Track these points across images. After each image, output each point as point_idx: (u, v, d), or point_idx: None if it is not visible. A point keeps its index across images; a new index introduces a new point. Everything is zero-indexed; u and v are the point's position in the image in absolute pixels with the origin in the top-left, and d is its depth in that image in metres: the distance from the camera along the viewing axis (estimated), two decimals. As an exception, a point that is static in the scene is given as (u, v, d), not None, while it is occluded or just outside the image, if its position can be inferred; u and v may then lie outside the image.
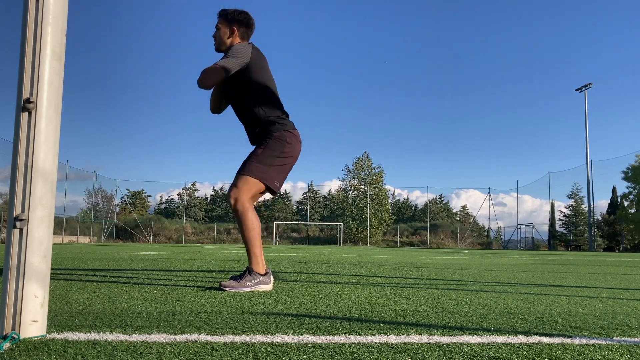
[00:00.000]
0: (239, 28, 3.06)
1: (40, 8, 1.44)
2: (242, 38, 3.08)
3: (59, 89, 1.48)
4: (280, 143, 2.97)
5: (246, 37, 3.10)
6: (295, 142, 3.05)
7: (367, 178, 45.62)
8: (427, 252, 14.94)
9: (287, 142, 2.99)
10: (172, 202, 56.25)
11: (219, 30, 3.07)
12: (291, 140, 3.01)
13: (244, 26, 3.07)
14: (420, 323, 1.80)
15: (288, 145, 2.99)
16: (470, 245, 43.77)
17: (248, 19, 3.09)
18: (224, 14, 3.08)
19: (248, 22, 3.09)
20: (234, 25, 3.05)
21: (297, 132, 3.09)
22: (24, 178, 1.40)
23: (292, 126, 3.08)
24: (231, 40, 3.06)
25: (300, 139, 3.11)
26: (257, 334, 1.54)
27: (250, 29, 3.11)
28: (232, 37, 3.06)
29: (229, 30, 3.05)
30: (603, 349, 1.42)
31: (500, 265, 6.74)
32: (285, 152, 2.98)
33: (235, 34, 3.05)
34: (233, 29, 3.05)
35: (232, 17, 3.05)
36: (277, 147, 2.96)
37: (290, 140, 3.01)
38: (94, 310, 2.01)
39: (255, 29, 3.14)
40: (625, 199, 36.29)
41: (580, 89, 35.12)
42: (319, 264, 6.22)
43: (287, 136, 3.00)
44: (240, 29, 3.06)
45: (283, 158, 2.98)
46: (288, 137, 3.00)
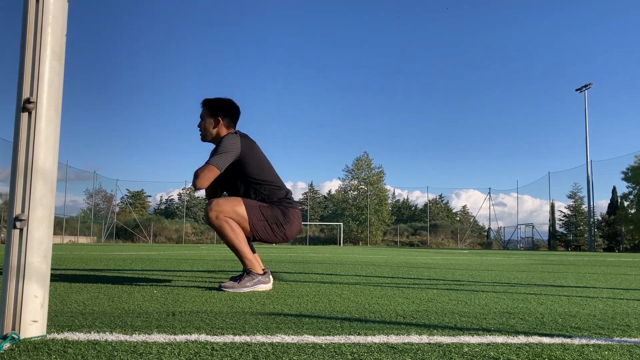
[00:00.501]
0: (223, 118, 3.05)
1: (40, 8, 1.44)
2: (228, 127, 3.07)
3: (59, 89, 1.48)
4: (284, 217, 2.95)
5: (232, 126, 3.09)
6: (297, 223, 3.02)
7: (367, 178, 45.64)
8: (427, 252, 14.94)
9: (290, 219, 2.97)
10: (172, 202, 56.30)
11: (203, 121, 3.07)
12: (294, 219, 3.00)
13: (228, 116, 3.06)
14: (420, 323, 1.80)
15: (289, 223, 2.96)
16: (470, 246, 43.77)
17: (232, 108, 3.08)
18: (207, 104, 3.07)
19: (233, 112, 3.08)
20: (219, 116, 3.04)
21: (299, 214, 3.07)
22: (24, 178, 1.40)
23: (297, 205, 3.08)
24: (217, 131, 3.05)
25: (301, 221, 3.11)
26: (257, 334, 1.54)
27: (235, 118, 3.10)
28: (217, 127, 3.04)
29: (213, 121, 3.04)
30: (603, 349, 1.42)
31: (500, 265, 6.74)
32: (283, 228, 2.95)
33: (220, 124, 3.04)
34: (218, 120, 3.04)
35: (217, 108, 3.05)
36: (279, 217, 2.94)
37: (293, 218, 2.99)
38: (94, 310, 2.01)
39: (240, 116, 3.13)
40: (625, 199, 36.29)
41: (580, 89, 35.12)
42: (319, 264, 6.22)
43: (292, 214, 2.99)
44: (225, 119, 3.06)
45: (278, 228, 2.94)
46: (292, 215, 2.99)
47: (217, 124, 3.05)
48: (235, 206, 2.86)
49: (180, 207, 50.34)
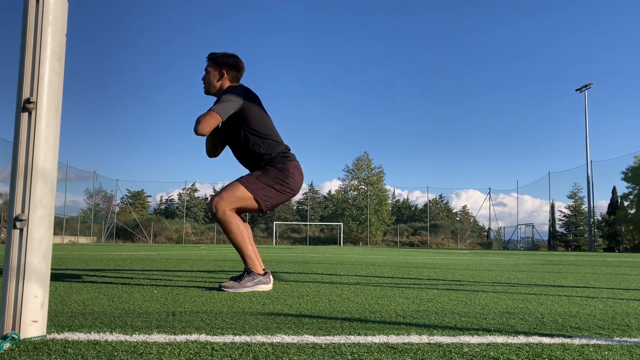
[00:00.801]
0: (228, 71, 3.05)
1: (40, 8, 1.44)
2: (232, 81, 3.08)
3: (59, 89, 1.48)
4: (283, 173, 2.95)
5: (236, 80, 3.09)
6: (298, 175, 3.02)
7: (367, 178, 45.63)
8: (427, 253, 14.94)
9: (290, 173, 2.97)
10: (172, 202, 56.27)
11: (208, 74, 3.07)
12: (294, 172, 2.99)
13: (233, 69, 3.07)
14: (420, 323, 1.80)
15: (291, 177, 2.97)
16: (471, 246, 43.77)
17: (237, 62, 3.08)
18: (212, 57, 3.07)
19: (237, 65, 3.08)
20: (223, 68, 3.04)
21: (300, 166, 3.07)
22: (24, 178, 1.40)
23: (295, 158, 3.07)
24: (220, 84, 3.05)
25: (303, 172, 3.09)
26: (257, 334, 1.54)
27: (239, 72, 3.10)
28: (221, 80, 3.05)
29: (218, 74, 3.05)
30: (603, 349, 1.42)
31: (500, 265, 6.74)
32: (286, 183, 2.95)
33: (224, 77, 3.05)
34: (222, 72, 3.05)
35: (221, 61, 3.05)
36: (279, 175, 2.94)
37: (293, 171, 2.98)
38: (94, 310, 2.01)
39: (245, 71, 3.13)
40: (625, 200, 36.29)
41: (580, 89, 35.12)
42: (319, 264, 6.22)
43: (290, 167, 2.98)
44: (230, 72, 3.06)
45: (282, 186, 2.95)
46: (291, 169, 2.98)
47: (221, 76, 3.05)
48: (235, 192, 2.86)
49: (180, 207, 50.34)
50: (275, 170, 2.95)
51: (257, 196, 2.88)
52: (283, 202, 3.01)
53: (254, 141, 2.97)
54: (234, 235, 2.84)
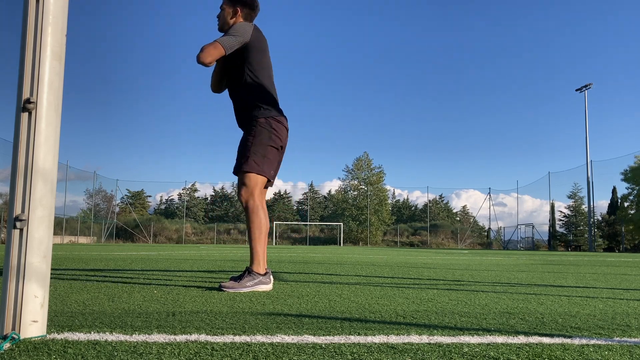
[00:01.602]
0: (242, 9, 3.08)
1: (40, 8, 1.44)
2: (245, 19, 3.10)
3: (59, 89, 1.48)
4: (267, 131, 2.99)
5: (249, 19, 3.12)
6: (281, 128, 3.06)
7: (367, 178, 45.62)
8: (427, 253, 14.94)
9: (274, 129, 3.01)
10: (172, 202, 56.28)
11: (222, 11, 3.10)
12: (277, 127, 3.03)
13: (247, 7, 3.09)
14: (420, 323, 1.80)
15: (274, 132, 3.01)
16: (471, 246, 43.76)
17: (252, 0, 3.11)
18: None
19: (252, 4, 3.11)
20: (238, 5, 3.07)
21: (284, 118, 3.10)
22: (24, 178, 1.40)
23: (278, 113, 3.08)
24: (234, 21, 3.07)
25: (287, 126, 3.13)
26: (257, 334, 1.54)
27: (254, 10, 3.13)
28: (235, 17, 3.07)
29: (232, 11, 3.07)
30: (603, 349, 1.42)
31: (500, 265, 6.74)
32: (273, 140, 3.01)
33: (238, 14, 3.07)
34: (237, 10, 3.07)
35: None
36: (264, 135, 2.98)
37: (276, 127, 3.02)
38: (94, 310, 2.01)
39: (259, 11, 3.17)
40: (625, 200, 36.29)
41: (580, 89, 35.13)
42: (319, 264, 6.22)
43: (272, 123, 3.02)
44: (244, 10, 3.08)
45: (273, 147, 3.01)
46: (274, 124, 3.02)
47: (235, 13, 3.07)
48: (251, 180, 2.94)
49: (180, 207, 50.33)
50: (259, 130, 2.98)
51: (263, 173, 2.97)
52: (280, 160, 3.12)
53: (247, 82, 3.00)
54: (254, 228, 2.91)
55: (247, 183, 2.95)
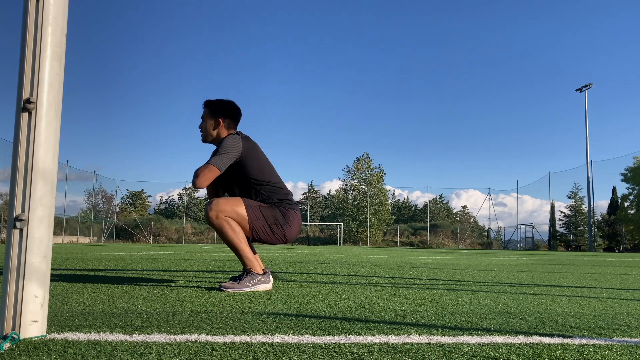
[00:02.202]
0: (224, 120, 3.04)
1: (40, 8, 1.44)
2: (229, 129, 3.06)
3: (59, 89, 1.48)
4: (284, 219, 2.95)
5: (233, 127, 3.07)
6: (296, 225, 3.02)
7: (367, 178, 45.62)
8: (427, 252, 14.94)
9: (290, 221, 2.97)
10: (172, 202, 56.27)
11: (204, 122, 3.07)
12: (293, 221, 2.99)
13: (229, 117, 3.05)
14: (420, 323, 1.80)
15: (289, 225, 2.96)
16: (471, 246, 43.77)
17: (234, 109, 3.07)
18: (209, 105, 3.07)
19: (234, 113, 3.07)
20: (219, 117, 3.03)
21: (300, 216, 3.06)
22: (24, 178, 1.40)
23: (297, 207, 3.07)
24: (217, 132, 3.04)
25: (301, 223, 3.09)
26: (257, 334, 1.54)
27: (237, 119, 3.09)
28: (217, 128, 3.04)
29: (214, 122, 3.04)
30: (603, 349, 1.42)
31: (500, 265, 6.74)
32: (283, 229, 2.94)
33: (220, 125, 3.03)
34: (218, 121, 3.03)
35: (218, 109, 3.04)
36: (279, 218, 2.94)
37: (292, 220, 2.98)
38: (94, 310, 2.01)
39: (242, 117, 3.12)
40: (625, 200, 36.29)
41: (580, 89, 35.14)
42: (319, 264, 6.22)
43: (291, 215, 2.98)
44: (226, 121, 3.04)
45: (278, 229, 2.94)
46: (292, 217, 2.98)
47: (217, 125, 3.04)
48: (235, 206, 2.86)
49: (180, 207, 50.34)
50: (278, 211, 2.95)
51: (251, 222, 2.88)
52: (271, 243, 3.00)
53: (255, 189, 2.97)
54: (230, 237, 2.83)
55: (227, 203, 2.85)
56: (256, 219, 2.88)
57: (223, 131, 3.05)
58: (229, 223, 2.82)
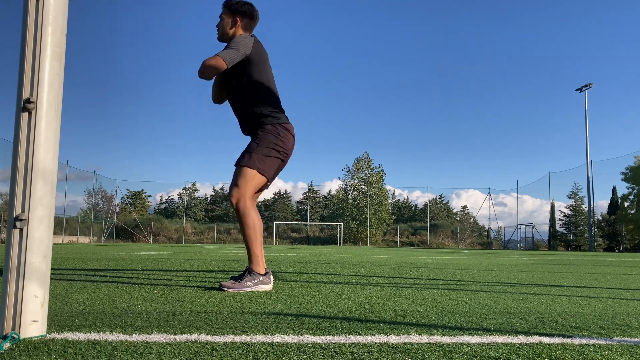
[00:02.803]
0: (242, 19, 3.06)
1: (40, 8, 1.44)
2: (245, 29, 3.09)
3: (59, 89, 1.48)
4: (274, 136, 2.99)
5: (249, 29, 3.11)
6: (288, 136, 3.06)
7: (367, 178, 45.61)
8: (427, 252, 14.94)
9: (280, 135, 3.01)
10: (172, 202, 56.23)
11: (222, 21, 3.09)
12: (284, 134, 3.03)
13: (247, 17, 3.08)
14: (420, 323, 1.80)
15: (281, 138, 3.01)
16: (471, 245, 43.77)
17: (252, 10, 3.10)
18: (228, 4, 3.08)
19: (252, 14, 3.09)
20: (237, 15, 3.06)
21: (291, 127, 3.10)
22: (24, 178, 1.40)
23: (286, 120, 3.09)
24: (234, 31, 3.07)
25: (294, 134, 3.12)
26: (257, 334, 1.54)
27: (253, 20, 3.12)
28: (234, 27, 3.06)
29: (231, 21, 3.06)
30: (603, 349, 1.42)
31: (500, 265, 6.74)
32: (279, 145, 3.00)
33: (238, 24, 3.06)
34: (236, 20, 3.06)
35: (236, 8, 3.06)
36: (270, 139, 2.98)
37: (282, 133, 3.02)
38: (94, 310, 2.01)
39: (259, 21, 3.16)
40: (625, 200, 36.29)
41: (580, 89, 35.13)
42: (319, 264, 6.22)
43: (280, 130, 3.02)
44: (244, 20, 3.07)
45: (277, 151, 3.00)
46: (281, 131, 3.02)
47: (234, 24, 3.06)
48: (246, 176, 2.91)
49: (180, 207, 50.32)
50: (265, 134, 2.98)
51: (263, 172, 2.95)
52: (282, 167, 3.09)
53: (251, 94, 3.00)
54: (249, 229, 2.89)
55: (240, 182, 2.92)
56: (262, 164, 2.94)
57: (239, 31, 3.07)
58: (250, 217, 2.89)
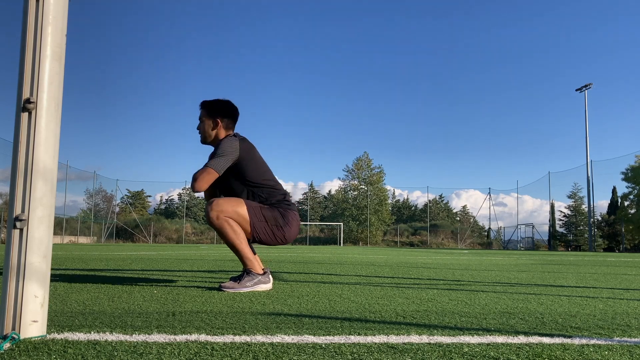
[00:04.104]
0: (222, 120, 3.03)
1: (40, 8, 1.44)
2: (227, 129, 3.05)
3: (59, 89, 1.48)
4: (283, 219, 2.94)
5: (231, 127, 3.07)
6: (295, 225, 3.01)
7: (367, 178, 45.63)
8: (427, 252, 14.94)
9: (290, 222, 2.96)
10: (172, 202, 56.26)
11: (202, 123, 3.05)
12: (292, 221, 2.99)
13: (227, 117, 3.04)
14: (420, 323, 1.80)
15: (289, 226, 2.96)
16: (471, 246, 43.76)
17: (232, 109, 3.06)
18: (206, 105, 3.06)
19: (232, 113, 3.06)
20: (217, 117, 3.02)
21: (298, 217, 3.07)
22: (24, 178, 1.40)
23: (295, 208, 3.07)
24: (215, 132, 3.03)
25: (299, 223, 3.09)
26: (257, 334, 1.54)
27: (234, 119, 3.08)
28: (216, 129, 3.03)
29: (212, 123, 3.03)
30: (603, 349, 1.42)
31: (500, 265, 6.74)
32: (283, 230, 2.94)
33: (219, 126, 3.03)
34: (217, 121, 3.02)
35: (215, 110, 3.03)
36: (279, 219, 2.94)
37: (292, 220, 2.98)
38: (94, 310, 2.01)
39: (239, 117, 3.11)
40: (625, 200, 36.28)
41: (580, 89, 35.14)
42: (319, 264, 6.22)
43: (290, 216, 2.98)
44: (224, 121, 3.04)
45: (278, 230, 2.93)
46: (291, 217, 2.98)
47: (216, 125, 3.03)
48: (236, 207, 2.85)
49: (180, 207, 50.33)
50: (277, 212, 2.95)
51: (253, 223, 2.87)
52: (272, 244, 2.99)
53: (253, 192, 2.97)
54: (230, 238, 2.83)
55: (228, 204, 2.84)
56: (257, 220, 2.88)
57: (222, 131, 3.04)
58: (230, 224, 2.82)
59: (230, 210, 2.83)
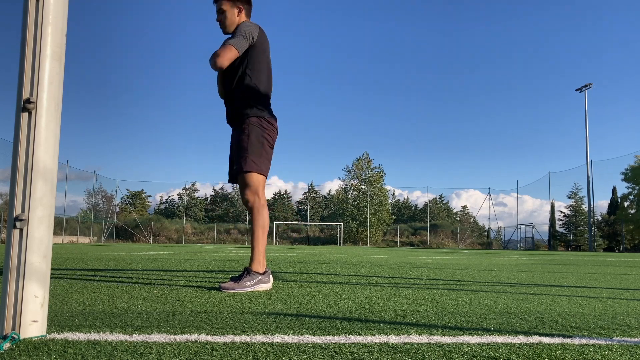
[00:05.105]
0: (244, 6, 3.11)
1: (40, 8, 1.44)
2: (247, 16, 3.14)
3: (59, 89, 1.48)
4: (260, 130, 3.02)
5: (249, 15, 3.16)
6: (272, 129, 3.10)
7: (367, 178, 45.62)
8: (427, 252, 14.94)
9: (265, 128, 3.04)
10: (172, 202, 56.23)
11: (224, 12, 3.09)
12: (268, 127, 3.07)
13: (247, 4, 3.13)
14: (420, 323, 1.80)
15: (266, 132, 3.05)
16: (471, 246, 43.76)
17: None
18: None
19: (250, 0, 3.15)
20: (239, 4, 3.09)
21: (274, 119, 3.13)
22: (24, 178, 1.40)
23: (269, 114, 3.11)
24: (239, 19, 3.10)
25: (277, 126, 3.16)
26: (257, 334, 1.54)
27: (251, 5, 3.17)
28: (240, 15, 3.10)
29: (236, 10, 3.09)
30: (603, 349, 1.42)
31: (500, 265, 6.74)
32: (266, 139, 3.04)
33: (242, 12, 3.11)
34: (240, 8, 3.10)
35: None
36: (258, 134, 3.01)
37: (267, 127, 3.06)
38: (94, 310, 2.01)
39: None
40: (625, 200, 36.28)
41: (580, 89, 35.13)
42: (319, 264, 6.22)
43: (264, 123, 3.05)
44: (245, 7, 3.12)
45: (268, 147, 3.06)
46: (265, 124, 3.05)
47: (240, 11, 3.09)
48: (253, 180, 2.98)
49: (180, 207, 50.32)
50: (251, 128, 3.00)
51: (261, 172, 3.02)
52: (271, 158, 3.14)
53: (245, 80, 3.01)
54: (258, 227, 2.95)
55: (250, 183, 2.98)
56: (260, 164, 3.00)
57: (243, 18, 3.11)
58: (264, 213, 2.97)
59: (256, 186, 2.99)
